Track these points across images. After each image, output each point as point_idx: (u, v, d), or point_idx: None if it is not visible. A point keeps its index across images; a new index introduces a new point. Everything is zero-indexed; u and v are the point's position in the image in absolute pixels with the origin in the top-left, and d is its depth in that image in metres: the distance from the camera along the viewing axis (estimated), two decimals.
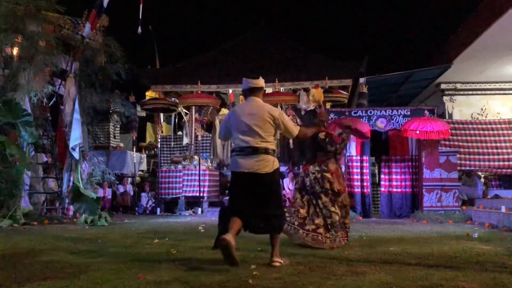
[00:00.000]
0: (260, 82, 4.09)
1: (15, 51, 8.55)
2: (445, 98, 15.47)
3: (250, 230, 3.89)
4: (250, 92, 4.06)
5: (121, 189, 12.42)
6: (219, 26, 25.06)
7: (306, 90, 12.79)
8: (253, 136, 3.87)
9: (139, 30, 9.20)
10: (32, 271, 3.50)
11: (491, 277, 3.24)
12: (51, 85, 8.80)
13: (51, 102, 9.21)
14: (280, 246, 3.98)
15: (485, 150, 10.74)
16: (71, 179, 8.99)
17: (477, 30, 11.38)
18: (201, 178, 11.48)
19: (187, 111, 14.61)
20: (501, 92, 15.26)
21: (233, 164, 3.97)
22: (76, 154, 8.88)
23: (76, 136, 8.84)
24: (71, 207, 8.85)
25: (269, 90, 13.41)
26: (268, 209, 3.85)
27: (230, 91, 14.76)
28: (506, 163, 10.66)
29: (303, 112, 6.35)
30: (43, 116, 9.47)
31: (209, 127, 14.62)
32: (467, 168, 10.79)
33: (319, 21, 26.19)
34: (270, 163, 3.88)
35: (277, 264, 3.76)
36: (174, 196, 11.75)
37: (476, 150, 10.75)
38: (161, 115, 14.36)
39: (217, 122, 14.16)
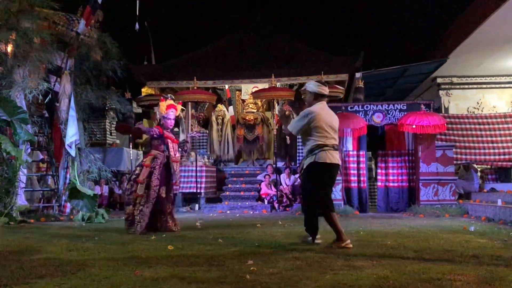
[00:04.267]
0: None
1: (9, 48, 8.49)
2: (441, 92, 15.49)
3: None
4: (322, 96, 4.81)
5: (116, 190, 12.38)
6: (215, 21, 24.96)
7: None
8: (336, 136, 4.76)
9: (137, 26, 9.16)
10: (29, 268, 3.49)
11: (488, 270, 3.26)
12: (46, 82, 8.75)
13: (46, 99, 9.17)
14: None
15: (481, 144, 10.78)
16: (68, 176, 8.97)
17: (473, 23, 11.38)
18: (198, 174, 11.48)
19: (183, 107, 14.55)
20: (497, 85, 15.29)
21: (326, 157, 4.63)
22: (72, 151, 8.85)
23: (72, 133, 8.81)
24: (68, 205, 8.83)
25: (265, 85, 13.41)
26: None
27: (226, 86, 14.74)
28: (502, 156, 10.71)
29: (157, 117, 6.61)
30: (39, 113, 9.43)
31: (205, 123, 14.59)
32: (464, 162, 10.83)
33: (315, 16, 26.12)
34: None
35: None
36: None
37: (472, 144, 10.79)
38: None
39: (213, 118, 14.15)
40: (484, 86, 15.31)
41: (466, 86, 15.39)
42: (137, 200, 5.98)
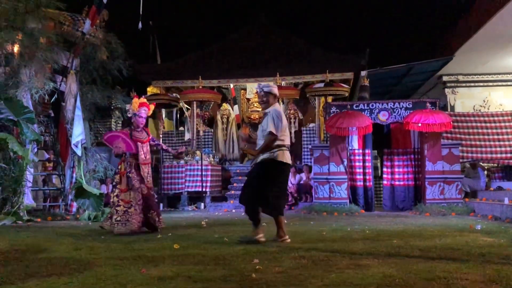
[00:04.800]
0: None
1: (16, 48, 8.55)
2: (447, 90, 15.41)
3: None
4: (277, 98, 5.07)
5: None
6: (219, 20, 24.97)
7: None
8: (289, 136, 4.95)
9: (140, 25, 9.19)
10: (36, 267, 3.52)
11: (494, 269, 3.24)
12: (52, 82, 8.80)
13: (52, 99, 9.21)
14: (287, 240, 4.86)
15: (488, 142, 10.72)
16: (74, 175, 9.02)
17: (479, 21, 11.32)
18: (203, 173, 11.50)
19: (188, 107, 14.61)
20: (504, 83, 15.20)
21: (283, 157, 4.78)
22: (78, 151, 8.90)
23: (78, 133, 8.85)
24: (74, 204, 8.88)
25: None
26: None
27: (231, 85, 14.75)
28: (508, 154, 10.65)
29: (129, 115, 6.28)
30: (45, 113, 9.49)
31: (210, 122, 14.61)
32: (470, 160, 10.78)
33: (320, 14, 26.08)
34: None
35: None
36: (176, 192, 11.77)
37: (478, 142, 10.74)
38: (163, 110, 14.37)
39: (218, 117, 14.17)
40: (491, 84, 15.23)
41: (472, 84, 15.31)
42: (119, 202, 5.94)
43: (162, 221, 6.27)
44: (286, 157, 4.79)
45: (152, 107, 6.52)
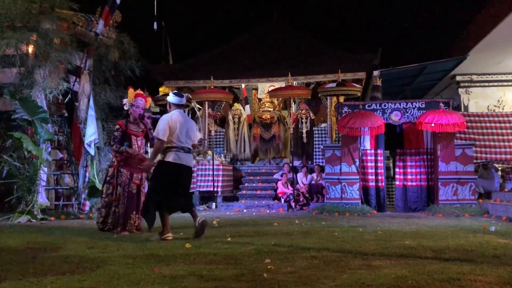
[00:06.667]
0: None
1: (30, 48, 8.66)
2: (460, 90, 15.24)
3: (180, 209, 5.40)
4: (183, 106, 5.40)
5: None
6: (231, 20, 24.98)
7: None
8: (189, 141, 5.23)
9: (155, 26, 9.24)
10: (50, 265, 3.56)
11: (509, 271, 3.20)
12: (66, 82, 8.90)
13: (66, 99, 9.32)
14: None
15: (502, 143, 10.58)
16: (87, 175, 9.11)
17: (494, 20, 11.17)
18: (215, 173, 11.53)
19: (200, 107, 14.65)
20: None
21: (172, 157, 5.07)
22: (91, 150, 8.99)
23: (91, 132, 8.95)
24: (87, 203, 8.97)
25: (282, 84, 13.38)
26: (189, 192, 5.55)
27: (243, 85, 14.75)
28: None
29: (126, 107, 6.16)
30: (59, 112, 9.59)
31: (222, 122, 14.64)
32: (484, 161, 10.66)
33: (332, 13, 25.95)
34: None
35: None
36: None
37: (492, 142, 10.60)
38: None
39: (230, 117, 14.20)
40: (505, 83, 15.01)
41: (486, 84, 15.11)
42: (113, 203, 5.93)
43: (140, 225, 6.04)
44: (176, 157, 5.07)
45: (149, 100, 6.51)
